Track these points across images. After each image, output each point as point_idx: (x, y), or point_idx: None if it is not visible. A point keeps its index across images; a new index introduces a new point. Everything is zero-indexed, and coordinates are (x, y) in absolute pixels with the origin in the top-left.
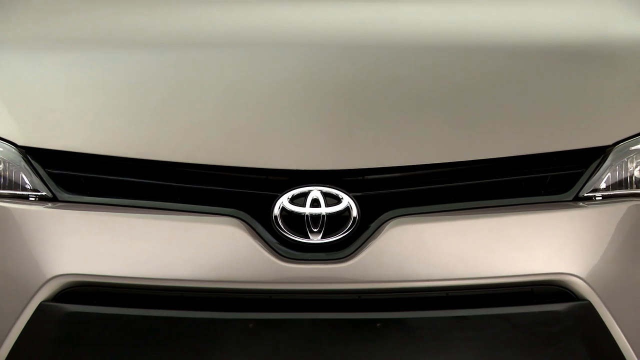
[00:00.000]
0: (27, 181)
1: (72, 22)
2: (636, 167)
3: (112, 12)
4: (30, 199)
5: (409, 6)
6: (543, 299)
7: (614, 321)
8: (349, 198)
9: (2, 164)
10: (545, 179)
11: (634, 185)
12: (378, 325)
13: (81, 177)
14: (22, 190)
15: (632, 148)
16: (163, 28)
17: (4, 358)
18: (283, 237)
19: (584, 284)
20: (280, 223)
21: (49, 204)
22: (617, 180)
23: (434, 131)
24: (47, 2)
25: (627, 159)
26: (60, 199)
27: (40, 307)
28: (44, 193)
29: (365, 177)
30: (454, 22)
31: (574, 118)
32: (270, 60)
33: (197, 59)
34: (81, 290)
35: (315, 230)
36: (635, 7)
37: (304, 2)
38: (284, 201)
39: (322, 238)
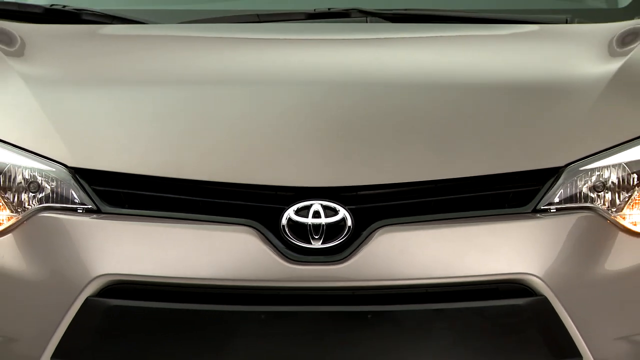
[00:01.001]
0: (75, 196)
1: (113, 64)
2: (584, 184)
3: (147, 56)
4: (78, 211)
5: (393, 50)
6: (507, 294)
7: (565, 312)
8: (344, 210)
9: (55, 181)
10: (509, 194)
11: (582, 200)
12: (369, 316)
13: (121, 193)
14: (71, 203)
15: (581, 168)
16: (189, 69)
17: (57, 343)
18: (289, 242)
19: (541, 282)
20: (287, 231)
21: (94, 215)
22: (569, 195)
23: (415, 154)
24: (93, 48)
25: (577, 178)
26: (103, 211)
27: (87, 302)
28: (89, 206)
29: (358, 192)
30: (431, 63)
31: (532, 143)
32: (278, 95)
33: (218, 95)
34: (121, 287)
35: (316, 237)
36: (585, 48)
37: (307, 47)
38: (290, 213)
39: (322, 244)
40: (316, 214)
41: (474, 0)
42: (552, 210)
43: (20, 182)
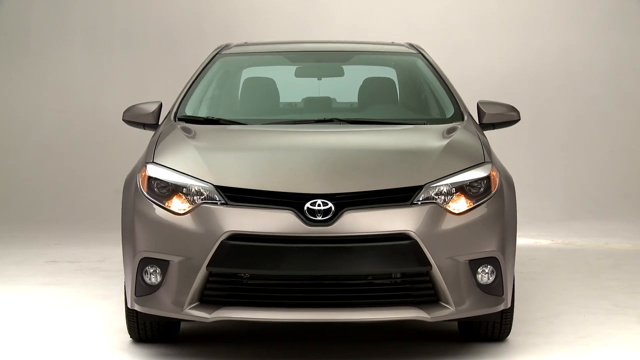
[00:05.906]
0: (216, 197)
1: (233, 140)
2: (433, 192)
3: (248, 136)
4: (218, 204)
5: (351, 134)
6: (399, 239)
7: (424, 247)
8: (330, 203)
9: (208, 191)
10: (400, 197)
11: (432, 199)
12: (341, 248)
13: (237, 196)
14: (215, 200)
15: (431, 185)
16: (266, 142)
17: (209, 259)
18: (308, 217)
19: (414, 234)
20: (306, 213)
21: (225, 206)
22: (426, 197)
23: (360, 179)
24: (224, 134)
25: (430, 189)
26: (229, 204)
27: (221, 243)
28: (223, 202)
29: (336, 195)
30: (367, 139)
31: (410, 174)
32: (303, 154)
33: (278, 154)
34: (236, 236)
35: (319, 215)
36: (432, 134)
37: (315, 133)
38: (308, 205)
39: (321, 217)
40: (319, 205)
41: (386, 112)
42: (419, 204)
43: (193, 191)
